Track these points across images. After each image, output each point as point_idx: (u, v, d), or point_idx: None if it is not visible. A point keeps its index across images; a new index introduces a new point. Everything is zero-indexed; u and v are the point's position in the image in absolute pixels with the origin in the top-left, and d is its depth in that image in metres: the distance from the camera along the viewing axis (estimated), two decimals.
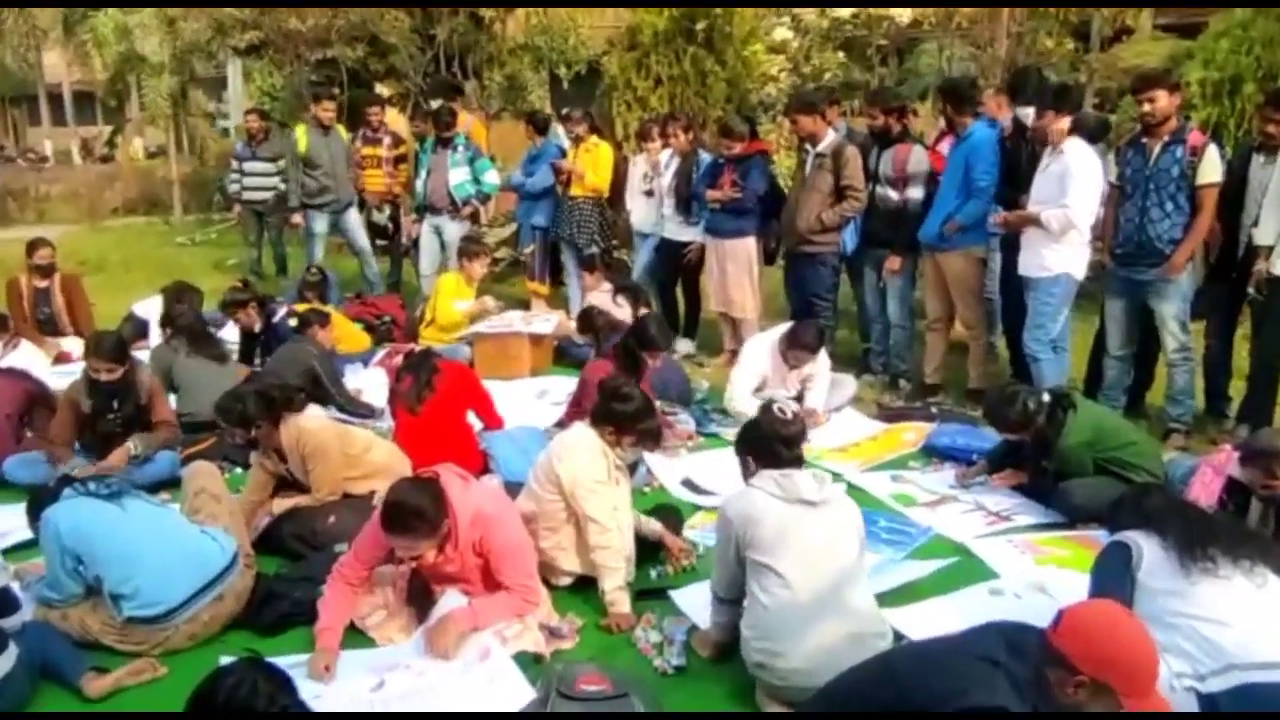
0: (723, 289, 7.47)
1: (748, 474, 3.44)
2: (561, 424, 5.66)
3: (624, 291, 7.34)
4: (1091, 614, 2.48)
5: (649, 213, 8.08)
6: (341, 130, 9.28)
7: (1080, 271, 5.81)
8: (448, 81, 13.27)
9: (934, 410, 6.33)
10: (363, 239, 9.29)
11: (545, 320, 7.72)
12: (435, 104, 9.58)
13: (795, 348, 6.01)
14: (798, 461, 3.39)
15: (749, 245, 7.34)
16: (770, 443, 3.37)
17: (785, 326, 6.21)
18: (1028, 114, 6.27)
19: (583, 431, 4.03)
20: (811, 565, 3.21)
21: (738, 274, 7.36)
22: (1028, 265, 5.90)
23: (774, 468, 3.34)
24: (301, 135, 8.98)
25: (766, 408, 3.51)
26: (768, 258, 7.64)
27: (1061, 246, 5.72)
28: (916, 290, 7.30)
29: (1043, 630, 2.50)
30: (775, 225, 7.50)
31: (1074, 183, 5.59)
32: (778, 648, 3.19)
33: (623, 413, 3.98)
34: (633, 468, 4.85)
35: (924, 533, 4.67)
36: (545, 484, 3.99)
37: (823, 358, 6.21)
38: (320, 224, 9.11)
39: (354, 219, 9.20)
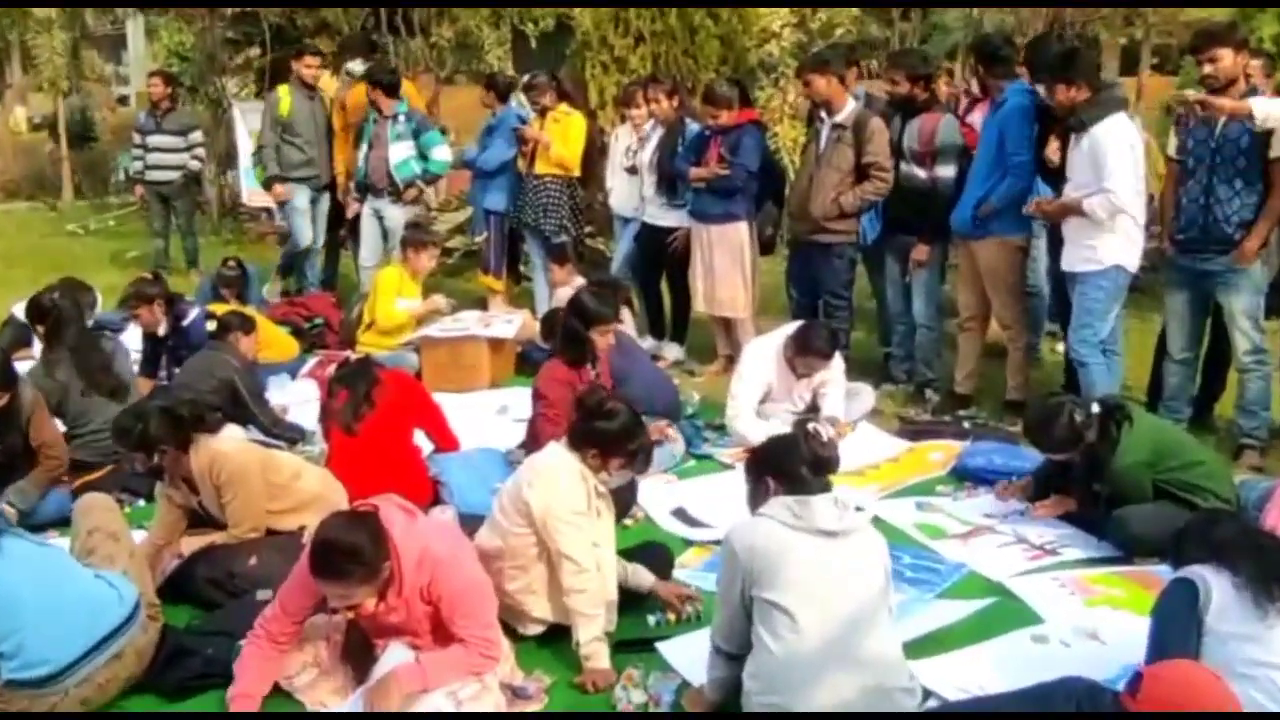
0: (710, 285, 7.51)
1: (759, 500, 3.43)
2: (526, 446, 5.66)
3: (600, 287, 7.32)
4: (1176, 683, 2.52)
5: (630, 194, 8.10)
6: (328, 88, 9.31)
7: (1132, 262, 5.85)
8: (363, 37, 13.25)
9: (966, 426, 6.37)
10: (322, 233, 9.35)
11: (506, 322, 7.72)
12: (352, 65, 9.57)
13: (804, 354, 6.04)
14: (820, 490, 3.41)
15: (740, 232, 7.36)
16: (799, 466, 3.40)
17: (790, 328, 6.23)
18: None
19: (559, 453, 4.03)
20: (828, 606, 3.21)
21: (727, 266, 7.39)
22: (1071, 258, 5.94)
23: (792, 494, 3.35)
24: (284, 96, 9.03)
25: (803, 425, 3.64)
26: (764, 247, 7.67)
27: (1110, 235, 5.76)
28: (946, 284, 7.34)
29: (1118, 694, 2.51)
30: (772, 209, 7.56)
31: (1108, 161, 5.63)
32: (786, 701, 3.18)
33: (607, 431, 3.99)
34: (625, 502, 4.86)
35: (955, 570, 4.70)
36: (512, 515, 3.99)
37: (837, 364, 6.24)
38: (302, 199, 9.14)
39: (326, 206, 9.24)
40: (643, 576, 4.24)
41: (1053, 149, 6.07)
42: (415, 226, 8.27)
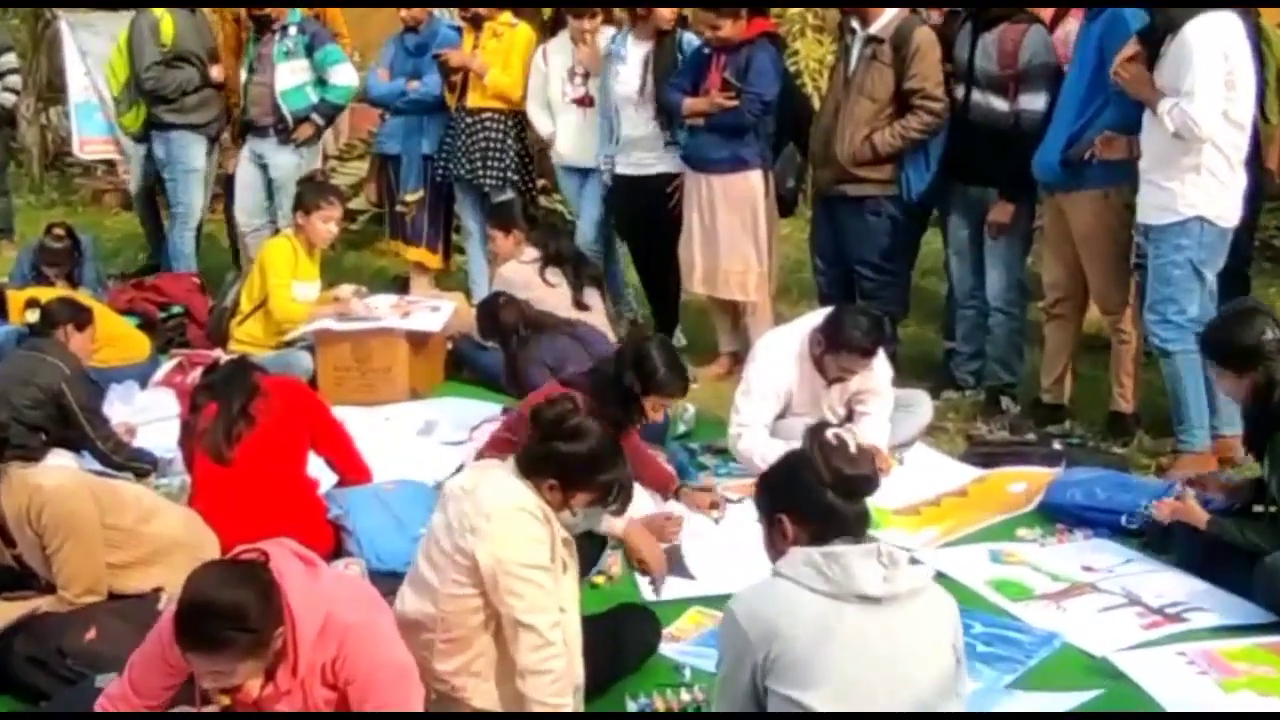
0: (710, 256, 7.52)
1: (776, 549, 3.34)
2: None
3: (558, 262, 7.35)
4: None
5: (582, 134, 8.13)
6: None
7: (1223, 214, 5.93)
8: None
9: (1057, 446, 6.38)
10: (205, 192, 9.36)
11: (432, 310, 7.72)
12: None
13: (838, 349, 6.03)
14: (859, 526, 3.29)
15: (751, 184, 7.39)
16: (818, 491, 3.26)
17: (817, 316, 6.24)
18: None
19: (509, 484, 4.00)
20: (872, 702, 3.13)
21: (735, 231, 7.42)
22: (1145, 205, 6.05)
23: (821, 536, 3.23)
24: (164, 18, 8.97)
25: (816, 432, 3.40)
26: (783, 205, 7.65)
27: (1191, 176, 5.84)
28: (1031, 256, 7.35)
29: None
30: (794, 153, 7.57)
31: (1192, 65, 5.69)
32: None
33: (572, 456, 3.97)
34: (591, 554, 4.85)
35: (1044, 642, 4.69)
36: (447, 570, 3.95)
37: (881, 366, 6.24)
38: (198, 152, 9.08)
39: (243, 158, 9.16)
40: (618, 523, 4.46)
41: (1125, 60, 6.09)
42: (312, 183, 8.24)
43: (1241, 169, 5.93)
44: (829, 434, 3.31)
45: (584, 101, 8.09)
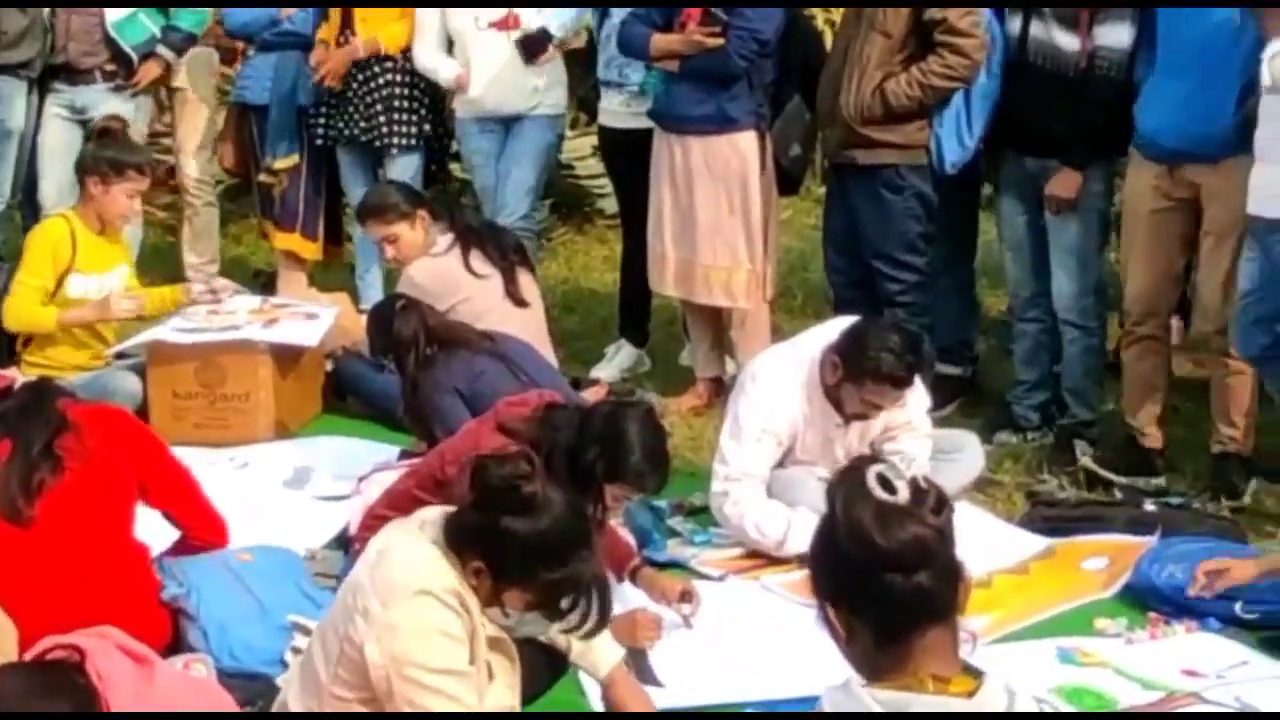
0: (687, 247, 7.57)
1: (855, 655, 3.10)
2: (347, 541, 5.64)
3: (477, 244, 7.37)
4: None
5: (509, 70, 8.22)
6: None
7: None
8: None
9: (1149, 508, 6.41)
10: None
11: (307, 318, 7.73)
12: None
13: (860, 377, 6.00)
14: (938, 603, 3.05)
15: (742, 152, 7.45)
16: (870, 570, 3.03)
17: (831, 330, 6.24)
18: None
19: (421, 555, 4.00)
20: None
21: (720, 214, 7.48)
22: (1262, 192, 6.08)
23: (889, 632, 3.00)
24: None
25: (852, 473, 3.10)
26: (786, 180, 7.73)
27: None
28: (1114, 250, 7.38)
29: None
30: (800, 110, 7.63)
31: None
32: None
33: (514, 537, 3.94)
34: (541, 677, 4.81)
35: None
36: (329, 670, 3.98)
37: (918, 396, 6.28)
38: (17, 109, 8.93)
39: (51, 114, 9.04)
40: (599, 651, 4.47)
41: None
42: (109, 137, 8.11)
43: None
44: (873, 473, 3.01)
45: (508, 24, 8.15)
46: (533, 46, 8.11)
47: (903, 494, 2.88)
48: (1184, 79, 6.50)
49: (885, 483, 2.89)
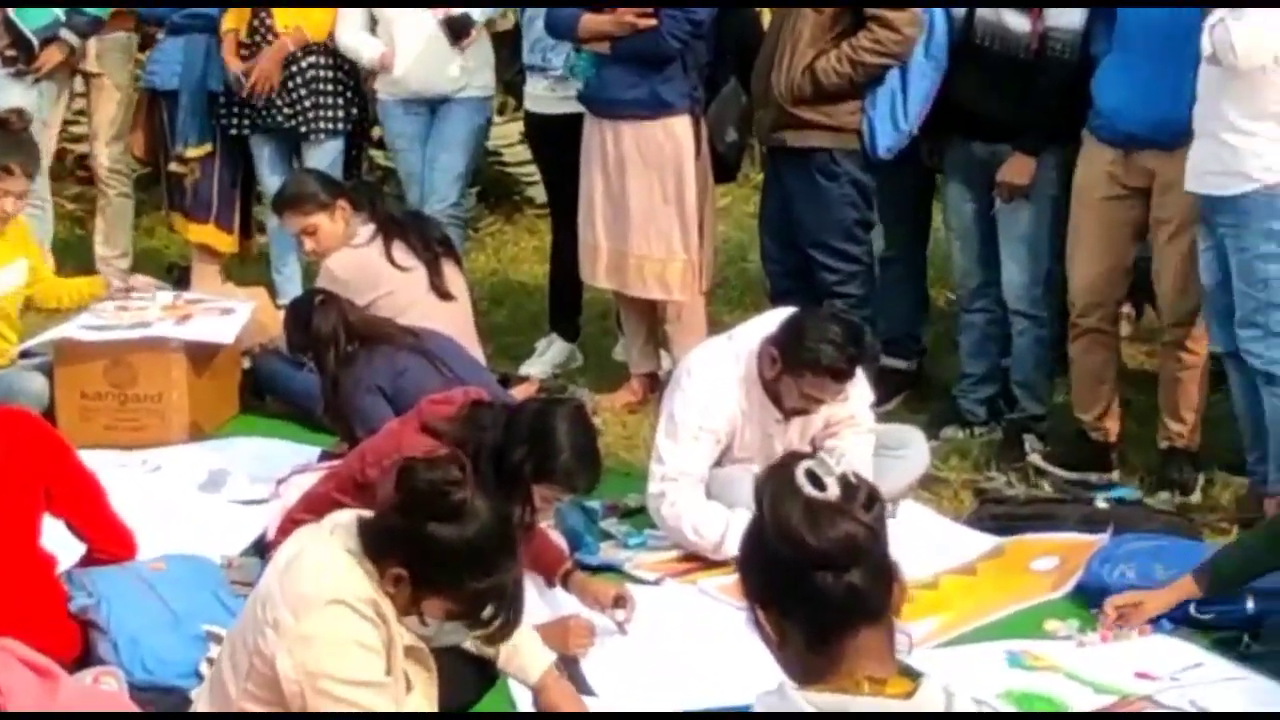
0: (619, 237, 7.59)
1: (785, 657, 3.11)
2: (265, 546, 5.64)
3: (409, 235, 7.34)
4: None
5: (433, 51, 8.23)
6: None
7: None
8: None
9: (1101, 504, 6.44)
10: None
11: (222, 314, 7.68)
12: None
13: (799, 370, 6.01)
14: (875, 610, 3.05)
15: (677, 137, 7.45)
16: (799, 570, 3.04)
17: (769, 322, 6.25)
18: None
19: (333, 562, 3.99)
20: None
21: (654, 202, 7.49)
22: (1200, 170, 6.11)
23: (820, 634, 3.00)
24: None
25: (780, 470, 3.09)
26: (723, 168, 7.76)
27: (1265, 125, 5.92)
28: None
29: None
30: (737, 93, 7.67)
31: None
32: None
33: (440, 544, 3.93)
34: (469, 685, 4.80)
35: None
36: (243, 684, 3.96)
37: (860, 390, 6.30)
38: None
39: None
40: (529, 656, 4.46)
41: None
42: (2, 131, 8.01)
43: None
44: (801, 469, 3.01)
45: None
46: (457, 28, 8.10)
47: (833, 490, 2.86)
48: (1145, 60, 6.53)
49: (815, 479, 2.87)
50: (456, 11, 8.14)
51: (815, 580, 2.85)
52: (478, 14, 8.19)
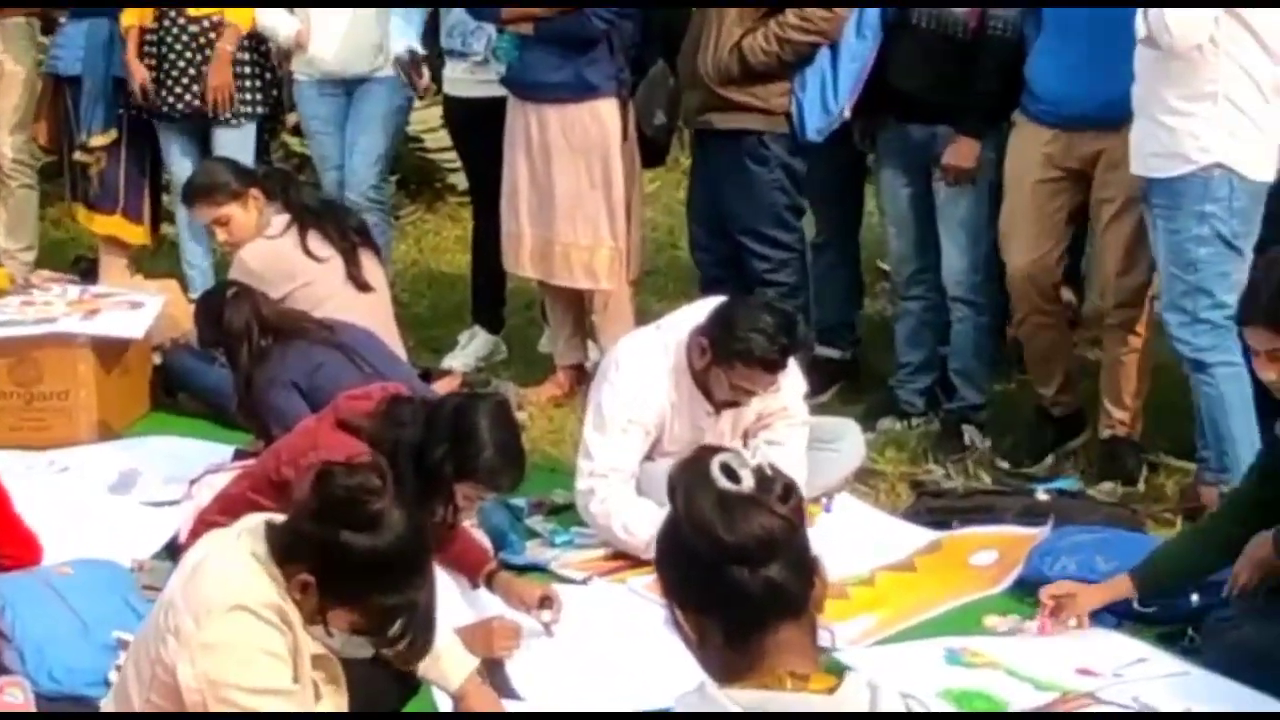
0: (544, 225, 7.62)
1: (705, 656, 3.13)
2: (177, 549, 5.62)
3: (325, 224, 7.36)
4: None
5: (354, 29, 8.24)
6: None
7: (1263, 163, 6.08)
8: None
9: (1042, 497, 6.48)
10: None
11: (131, 308, 7.69)
12: None
13: (730, 360, 6.02)
14: (795, 605, 3.08)
15: (603, 121, 7.50)
16: (715, 565, 3.06)
17: (699, 311, 6.26)
18: None
19: (236, 567, 3.98)
20: None
21: (581, 188, 7.53)
22: (1140, 151, 6.17)
23: (739, 632, 3.03)
24: None
25: (694, 463, 3.09)
26: (652, 152, 7.81)
27: (1212, 107, 5.98)
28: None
29: None
30: (666, 75, 7.69)
31: None
32: None
33: (351, 553, 3.91)
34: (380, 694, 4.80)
35: None
36: (146, 694, 3.96)
37: (793, 380, 6.33)
38: None
39: None
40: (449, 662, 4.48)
41: None
42: None
43: (1277, 101, 6.05)
44: (716, 463, 2.96)
45: None
46: (407, 67, 8.15)
47: (748, 483, 2.86)
48: (1082, 39, 6.59)
49: (729, 472, 2.87)
50: (402, 51, 8.16)
51: (732, 576, 2.86)
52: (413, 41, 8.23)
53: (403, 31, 8.17)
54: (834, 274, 7.89)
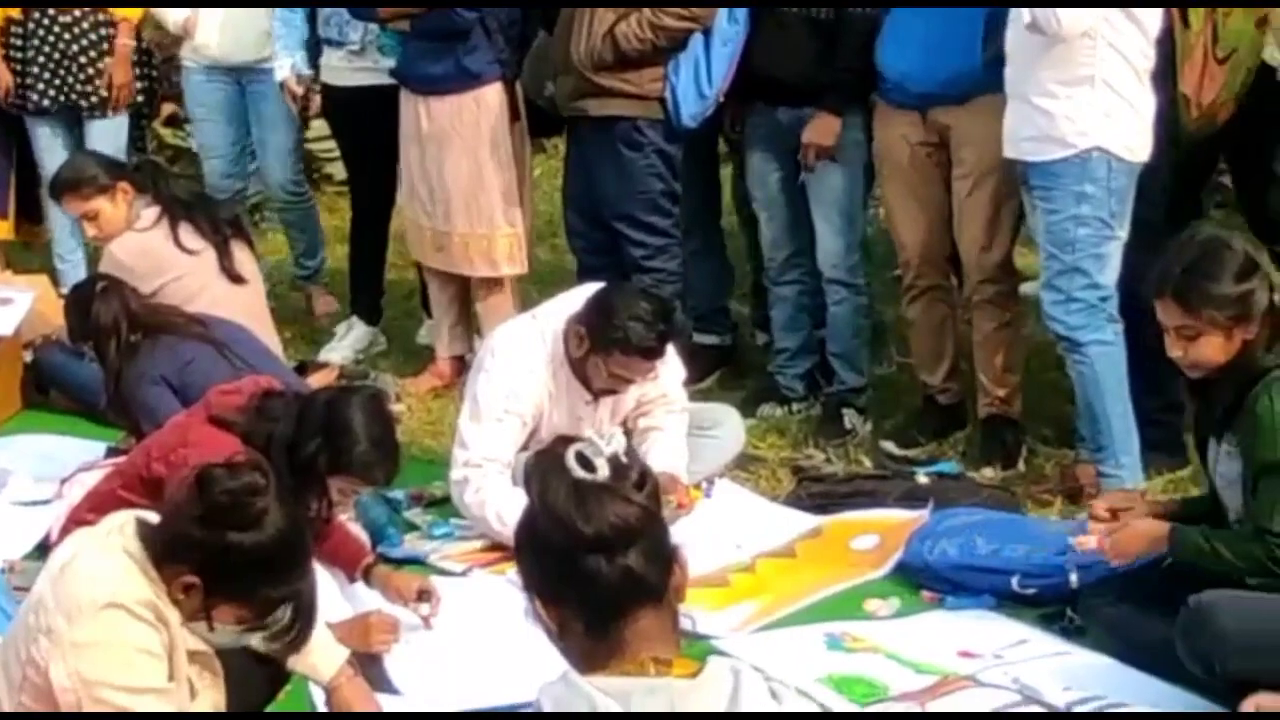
0: (441, 217, 7.62)
1: (565, 645, 3.14)
2: (49, 549, 5.42)
3: (196, 217, 7.32)
4: None
5: (242, 17, 8.25)
6: None
7: (1139, 144, 6.15)
8: None
9: (923, 480, 6.54)
10: None
11: (1, 304, 7.63)
12: None
13: (607, 348, 6.05)
14: (654, 592, 3.09)
15: (490, 107, 7.50)
16: (571, 555, 3.07)
17: (576, 299, 6.29)
18: None
19: (106, 565, 3.95)
20: None
21: (474, 176, 7.53)
22: (1016, 135, 6.23)
23: (594, 621, 3.03)
24: None
25: (549, 453, 3.11)
26: (548, 121, 7.84)
27: (1084, 90, 6.05)
28: (876, 200, 7.55)
29: None
30: (549, 47, 7.64)
31: None
32: None
33: (236, 551, 3.90)
34: (259, 690, 4.78)
35: None
36: (17, 698, 3.95)
37: (672, 370, 6.36)
38: None
39: None
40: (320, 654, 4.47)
41: None
42: None
43: (1149, 84, 6.12)
44: (572, 451, 2.95)
45: None
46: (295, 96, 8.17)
47: (602, 471, 2.89)
48: (918, 18, 6.65)
49: (584, 460, 2.90)
50: (288, 74, 8.21)
51: (589, 565, 2.88)
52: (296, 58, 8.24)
53: (287, 50, 8.18)
54: (700, 261, 7.89)
